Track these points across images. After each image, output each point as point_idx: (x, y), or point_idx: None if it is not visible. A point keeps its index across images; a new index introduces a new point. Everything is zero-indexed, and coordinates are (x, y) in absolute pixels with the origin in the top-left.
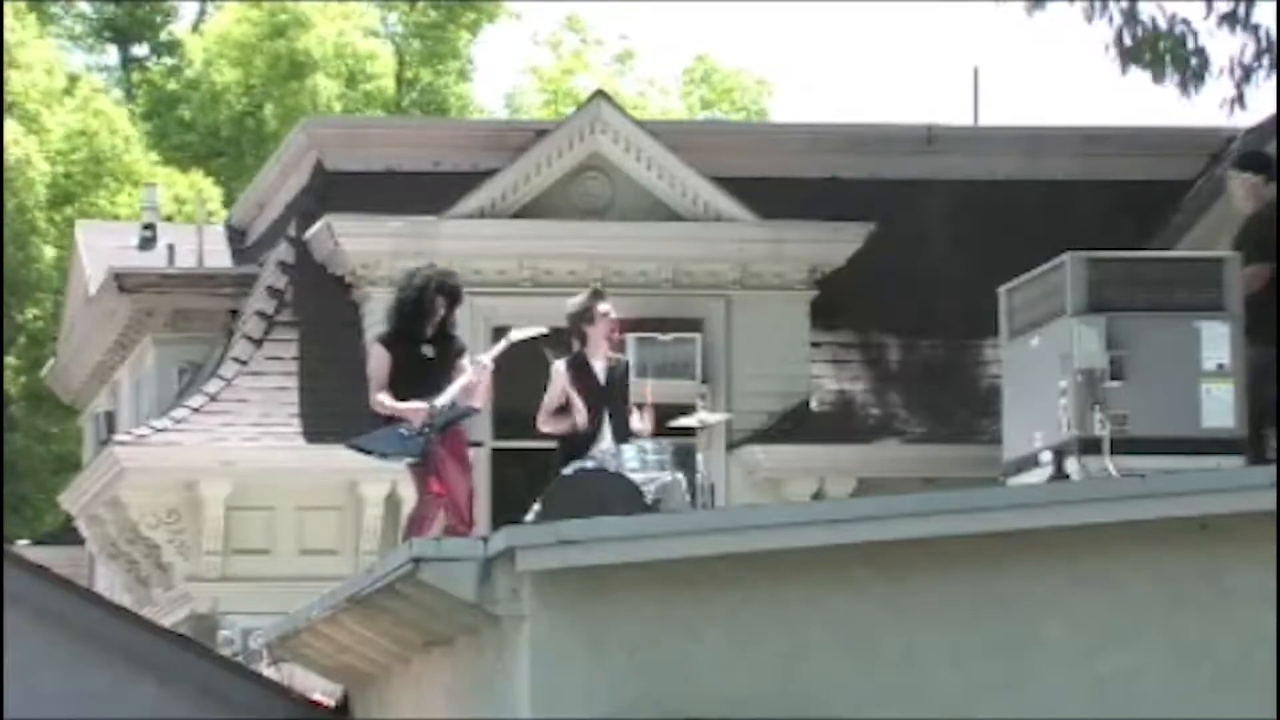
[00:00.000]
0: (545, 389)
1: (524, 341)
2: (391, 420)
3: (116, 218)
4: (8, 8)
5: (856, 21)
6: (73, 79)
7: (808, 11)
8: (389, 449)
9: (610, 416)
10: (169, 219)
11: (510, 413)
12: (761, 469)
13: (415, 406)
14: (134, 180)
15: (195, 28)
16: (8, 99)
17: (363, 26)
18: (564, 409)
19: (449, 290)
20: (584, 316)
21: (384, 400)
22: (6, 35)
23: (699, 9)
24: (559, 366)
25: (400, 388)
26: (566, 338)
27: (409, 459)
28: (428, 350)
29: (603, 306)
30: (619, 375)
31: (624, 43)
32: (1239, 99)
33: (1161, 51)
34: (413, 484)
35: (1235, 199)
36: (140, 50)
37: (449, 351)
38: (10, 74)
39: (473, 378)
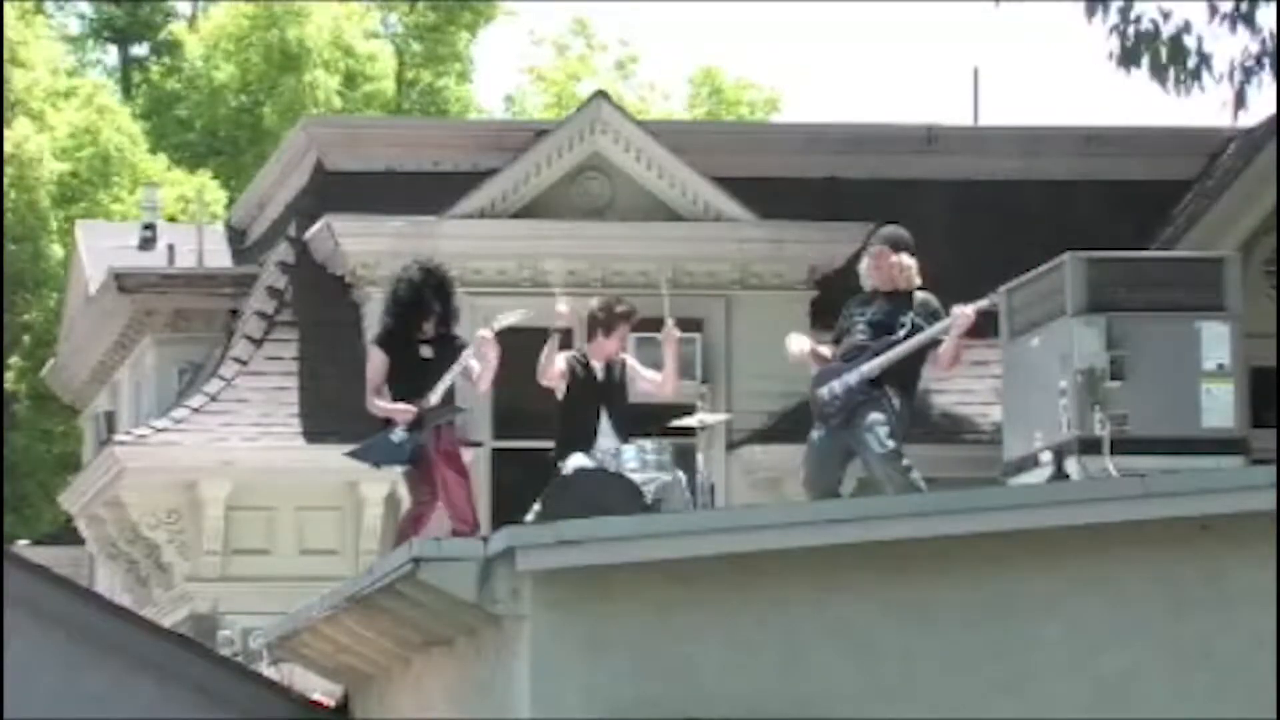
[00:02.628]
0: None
1: (509, 328)
2: (387, 424)
3: (124, 218)
4: (9, 8)
5: (856, 22)
6: (70, 73)
7: (808, 12)
8: (381, 457)
9: (610, 414)
10: (172, 219)
11: (510, 413)
12: (761, 469)
13: (403, 407)
14: (141, 179)
15: (190, 23)
16: (13, 98)
17: (363, 28)
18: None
19: (441, 287)
20: (605, 324)
21: (377, 403)
22: (9, 34)
23: (699, 9)
24: (561, 356)
25: (399, 390)
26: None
27: (400, 465)
28: (426, 351)
29: (625, 328)
30: (618, 373)
31: (626, 48)
32: (1240, 100)
33: (1159, 52)
34: (406, 488)
35: (861, 270)
36: (140, 50)
37: (449, 352)
38: (15, 73)
39: (473, 363)
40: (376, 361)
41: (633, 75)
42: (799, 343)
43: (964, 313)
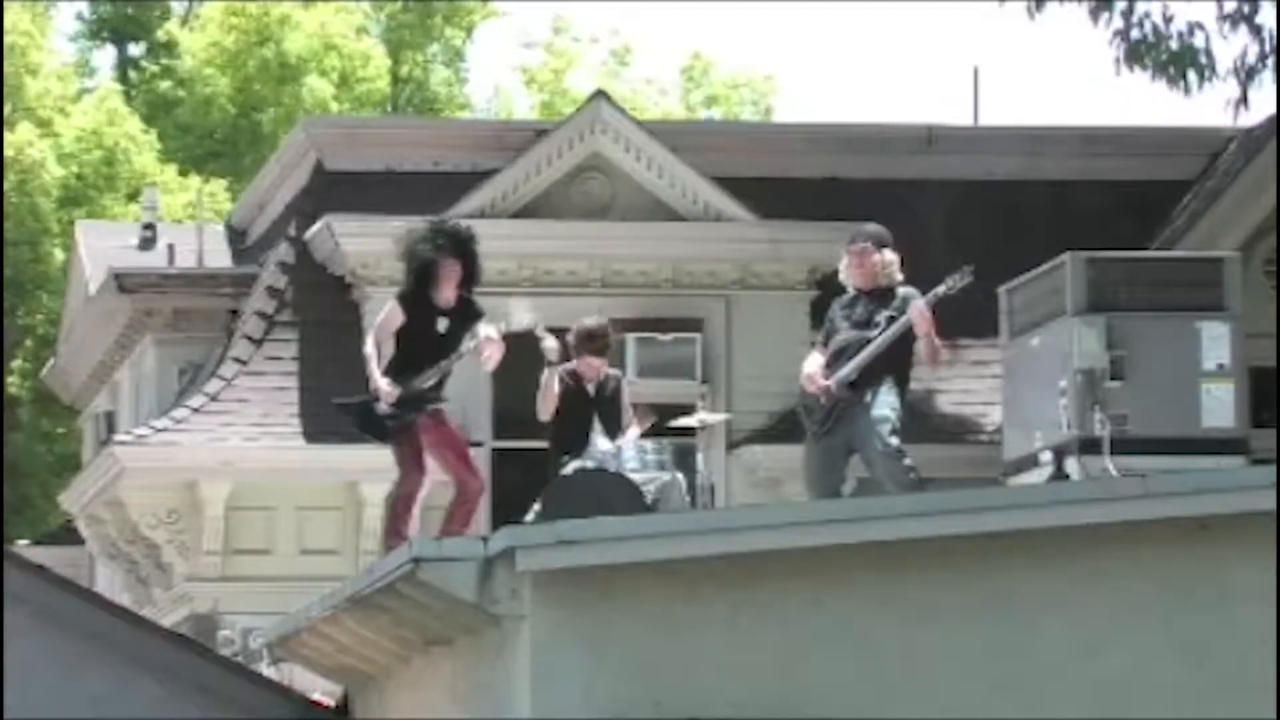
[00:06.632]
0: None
1: (518, 334)
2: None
3: (137, 220)
4: (18, 10)
5: (856, 21)
6: (82, 73)
7: (808, 12)
8: (359, 423)
9: (602, 419)
10: (178, 222)
11: (510, 413)
12: (761, 469)
13: (385, 388)
14: (145, 183)
15: (184, 21)
16: (22, 105)
17: (352, 25)
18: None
19: (457, 243)
20: (599, 347)
21: (371, 355)
22: (19, 40)
23: (696, 10)
24: (555, 371)
25: (403, 359)
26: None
27: (374, 438)
28: (441, 324)
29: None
30: (610, 386)
31: (618, 39)
32: (1243, 100)
33: (1163, 53)
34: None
35: (841, 270)
36: (136, 50)
37: (464, 324)
38: (25, 79)
39: (482, 349)
40: (394, 317)
41: (629, 67)
42: (811, 366)
43: (918, 308)
